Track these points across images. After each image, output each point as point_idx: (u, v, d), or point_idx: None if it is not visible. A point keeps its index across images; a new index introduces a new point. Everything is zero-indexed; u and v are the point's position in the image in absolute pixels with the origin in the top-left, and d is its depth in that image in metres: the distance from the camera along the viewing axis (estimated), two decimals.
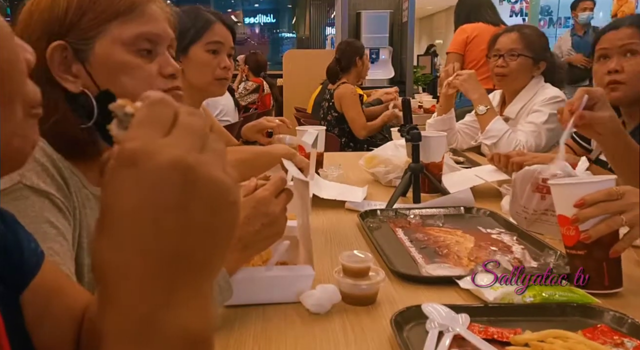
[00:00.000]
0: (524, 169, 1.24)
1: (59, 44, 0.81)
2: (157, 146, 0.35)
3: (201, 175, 0.35)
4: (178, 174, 0.34)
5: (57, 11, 0.81)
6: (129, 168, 0.34)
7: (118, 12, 0.83)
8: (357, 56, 3.53)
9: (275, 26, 14.56)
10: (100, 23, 0.82)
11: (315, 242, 1.00)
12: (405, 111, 1.54)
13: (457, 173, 1.74)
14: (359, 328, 0.82)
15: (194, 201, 0.35)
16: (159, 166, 0.34)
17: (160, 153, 0.34)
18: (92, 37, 0.82)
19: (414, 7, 5.36)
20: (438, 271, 1.02)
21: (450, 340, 0.75)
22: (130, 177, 0.34)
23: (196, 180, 0.35)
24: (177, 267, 0.35)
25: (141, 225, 0.34)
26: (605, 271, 0.90)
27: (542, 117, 1.95)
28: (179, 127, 0.36)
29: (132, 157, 0.34)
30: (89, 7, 0.82)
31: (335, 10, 6.26)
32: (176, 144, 0.35)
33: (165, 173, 0.34)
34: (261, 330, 0.82)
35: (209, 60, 1.54)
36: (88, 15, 0.82)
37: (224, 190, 0.36)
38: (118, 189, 0.34)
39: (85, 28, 0.82)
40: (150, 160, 0.34)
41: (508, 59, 2.02)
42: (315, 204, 1.44)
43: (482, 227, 1.28)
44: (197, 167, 0.35)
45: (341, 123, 3.51)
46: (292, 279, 0.90)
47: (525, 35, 2.04)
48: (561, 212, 0.93)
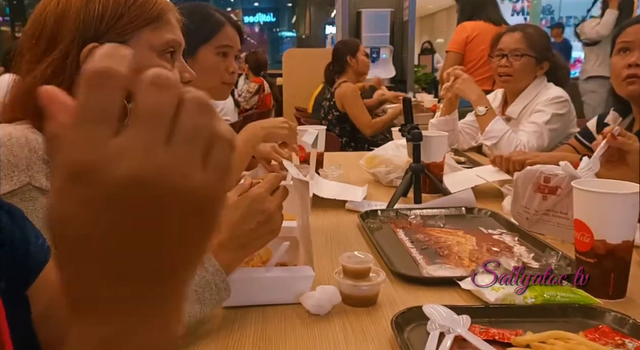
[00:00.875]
0: (526, 169, 1.24)
1: (94, 46, 0.82)
2: (105, 154, 0.27)
3: (166, 188, 0.28)
4: (137, 191, 0.27)
5: (94, 13, 0.83)
6: (74, 186, 0.27)
7: (150, 18, 0.87)
8: (349, 55, 3.49)
9: (275, 25, 14.56)
10: (135, 28, 0.86)
11: (315, 242, 1.00)
12: (406, 110, 1.53)
13: (458, 173, 1.73)
14: (359, 329, 0.82)
15: (160, 217, 0.28)
16: (112, 185, 0.27)
17: (111, 165, 0.27)
18: (126, 41, 0.85)
19: (415, 5, 5.35)
20: (439, 272, 1.02)
21: (451, 341, 0.74)
22: (79, 198, 0.27)
23: (160, 195, 0.28)
24: (143, 283, 0.30)
25: (101, 250, 0.28)
26: (611, 281, 0.90)
27: (544, 117, 1.94)
28: (134, 116, 0.28)
29: (77, 172, 0.27)
30: (125, 11, 0.85)
31: (336, 9, 6.26)
32: (130, 146, 0.27)
33: (121, 192, 0.27)
34: (261, 332, 0.81)
35: (218, 64, 1.49)
36: (124, 20, 0.85)
37: (196, 198, 0.29)
38: (65, 213, 0.27)
39: (120, 32, 0.85)
40: (100, 175, 0.27)
41: (512, 58, 2.02)
42: (315, 205, 1.44)
43: (483, 227, 1.28)
44: (159, 180, 0.27)
45: (342, 122, 3.50)
46: (292, 280, 0.90)
47: (528, 35, 2.03)
48: (579, 217, 0.91)
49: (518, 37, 2.03)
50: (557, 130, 1.96)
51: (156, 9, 0.88)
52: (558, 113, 1.95)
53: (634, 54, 1.43)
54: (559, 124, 1.96)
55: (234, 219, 0.82)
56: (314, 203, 1.43)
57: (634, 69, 1.42)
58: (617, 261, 0.89)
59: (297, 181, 0.95)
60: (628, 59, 1.44)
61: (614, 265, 0.89)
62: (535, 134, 1.92)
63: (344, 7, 5.54)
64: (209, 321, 0.82)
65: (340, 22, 5.72)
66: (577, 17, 9.87)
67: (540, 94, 2.02)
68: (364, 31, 5.37)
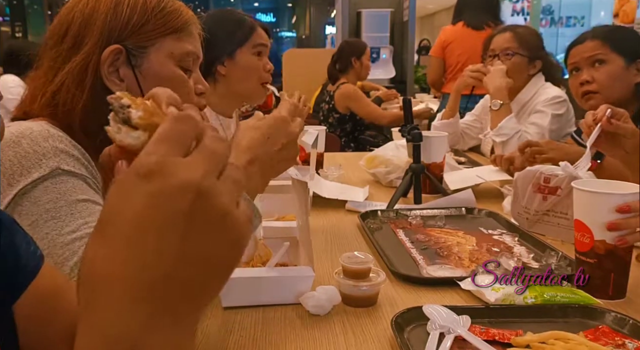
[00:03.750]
0: (526, 169, 1.24)
1: (116, 48, 0.84)
2: (174, 165, 0.34)
3: (211, 204, 0.34)
4: (189, 197, 0.33)
5: (121, 16, 0.85)
6: (141, 181, 0.33)
7: (175, 27, 0.88)
8: (354, 56, 3.49)
9: (275, 25, 14.55)
10: (159, 35, 0.87)
11: (315, 243, 1.00)
12: (406, 111, 1.53)
13: (458, 172, 1.73)
14: (360, 329, 0.82)
15: (199, 229, 0.33)
16: (171, 186, 0.33)
17: (176, 173, 0.33)
18: (149, 46, 0.86)
19: (415, 5, 5.34)
20: (439, 272, 1.02)
21: (452, 341, 0.74)
22: (141, 191, 0.33)
23: (205, 208, 0.34)
24: (166, 291, 0.33)
25: (141, 241, 0.33)
26: (611, 281, 0.90)
27: (545, 118, 1.94)
28: (201, 149, 0.35)
29: (147, 172, 0.33)
30: (151, 18, 0.86)
31: (336, 9, 6.25)
32: (194, 166, 0.34)
33: (176, 194, 0.33)
34: (261, 332, 0.81)
35: (255, 63, 1.56)
36: (149, 26, 0.86)
37: (231, 224, 0.35)
38: (126, 200, 0.33)
39: (144, 37, 0.86)
40: (165, 178, 0.33)
41: (503, 58, 2.02)
42: (316, 205, 1.44)
43: (483, 228, 1.28)
44: (209, 195, 0.34)
45: (343, 124, 3.50)
46: (292, 280, 0.90)
47: (519, 34, 2.04)
48: (579, 217, 0.91)
49: (508, 37, 2.04)
50: (557, 130, 1.96)
51: (181, 20, 0.89)
52: (557, 113, 1.95)
53: (583, 72, 1.56)
54: (558, 125, 1.96)
55: (258, 140, 0.80)
56: (314, 203, 1.43)
57: (586, 86, 1.55)
58: (617, 261, 0.89)
59: (296, 182, 0.95)
60: (579, 77, 1.56)
61: (614, 265, 0.89)
62: (538, 135, 1.92)
63: (344, 7, 5.54)
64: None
65: (340, 22, 5.72)
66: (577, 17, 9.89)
67: (539, 93, 2.02)
68: (364, 31, 5.36)
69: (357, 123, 3.53)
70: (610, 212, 0.88)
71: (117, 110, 0.39)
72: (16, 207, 0.74)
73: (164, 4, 0.88)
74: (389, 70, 5.41)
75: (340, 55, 3.55)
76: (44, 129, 0.80)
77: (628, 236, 0.88)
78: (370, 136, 3.52)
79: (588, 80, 1.53)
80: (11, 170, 0.75)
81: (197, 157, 0.35)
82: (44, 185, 0.75)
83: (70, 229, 0.73)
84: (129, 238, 0.33)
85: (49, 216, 0.74)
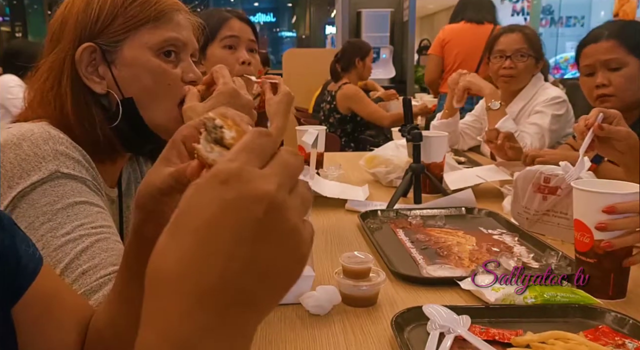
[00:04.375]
0: (526, 169, 1.24)
1: (88, 46, 0.84)
2: (252, 174, 0.35)
3: (282, 217, 0.35)
4: (263, 207, 0.34)
5: (90, 14, 0.85)
6: (219, 186, 0.34)
7: (148, 18, 0.87)
8: (357, 57, 3.51)
9: (275, 25, 14.55)
10: (130, 28, 0.86)
11: (315, 243, 1.00)
12: (406, 111, 1.53)
13: (458, 172, 1.73)
14: (360, 329, 0.82)
15: (267, 240, 0.34)
16: (248, 193, 0.34)
17: (253, 182, 0.34)
18: (121, 41, 0.86)
19: (415, 5, 5.34)
20: (439, 272, 1.02)
21: (452, 341, 0.74)
22: (218, 195, 0.34)
23: (276, 220, 0.34)
24: (231, 299, 0.34)
25: (214, 242, 0.33)
26: (611, 282, 0.90)
27: (545, 119, 1.95)
28: (277, 162, 0.37)
29: (226, 177, 0.34)
30: (121, 12, 0.85)
31: (336, 9, 6.26)
32: (270, 178, 0.35)
33: (252, 202, 0.34)
34: (260, 332, 0.81)
35: (226, 57, 1.49)
36: (119, 20, 0.86)
37: (298, 239, 0.36)
38: (203, 202, 0.34)
39: (115, 32, 0.86)
40: (242, 185, 0.34)
41: (516, 59, 2.02)
42: (316, 205, 1.44)
43: (483, 227, 1.28)
44: (281, 208, 0.34)
45: (344, 124, 3.51)
46: None
47: (527, 36, 2.04)
48: (579, 217, 0.91)
49: (519, 38, 2.03)
50: (557, 131, 1.96)
51: (156, 9, 0.88)
52: (557, 114, 1.96)
53: (598, 75, 1.50)
54: (558, 125, 1.96)
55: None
56: (314, 203, 1.42)
57: (602, 89, 1.49)
58: (617, 261, 0.89)
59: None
60: (594, 80, 1.51)
61: (613, 265, 0.89)
62: (537, 135, 1.92)
63: (344, 7, 5.54)
64: None
65: (340, 22, 5.73)
66: (577, 17, 9.89)
67: (538, 94, 2.03)
68: (364, 31, 5.37)
69: (357, 123, 3.53)
70: (600, 212, 0.88)
71: (210, 130, 0.40)
72: (14, 209, 0.74)
73: None
74: (389, 70, 5.42)
75: (343, 54, 3.56)
76: (44, 130, 0.80)
77: (614, 240, 0.88)
78: (370, 136, 3.52)
79: (604, 83, 1.48)
80: (11, 173, 0.75)
81: (273, 169, 0.36)
82: (42, 188, 0.75)
83: (64, 231, 0.73)
84: (201, 238, 0.33)
85: (45, 218, 0.74)
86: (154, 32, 0.87)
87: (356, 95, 3.45)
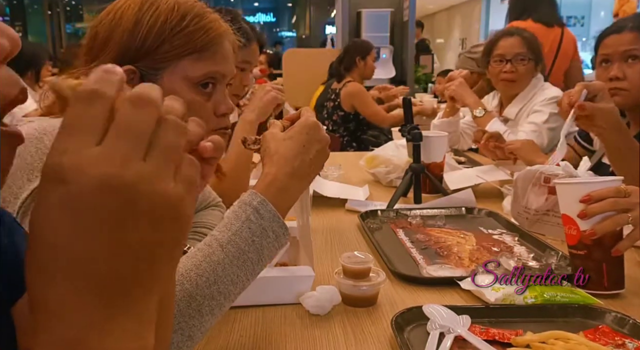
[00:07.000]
0: (526, 169, 1.24)
1: (129, 68, 0.82)
2: (87, 159, 0.29)
3: (141, 192, 0.30)
4: (113, 195, 0.29)
5: (137, 36, 0.82)
6: (56, 187, 0.29)
7: (194, 48, 0.84)
8: (359, 56, 3.53)
9: (275, 25, 14.56)
10: (175, 57, 0.84)
11: (315, 243, 1.00)
12: (406, 111, 1.53)
13: (458, 172, 1.73)
14: (360, 329, 0.82)
15: (133, 220, 0.30)
16: (90, 186, 0.29)
17: (91, 168, 0.29)
18: (163, 68, 0.84)
19: (415, 5, 5.34)
20: (439, 272, 1.02)
21: (452, 341, 0.74)
22: (58, 199, 0.29)
23: (135, 199, 0.30)
24: (111, 291, 0.31)
25: (73, 257, 0.30)
26: (604, 272, 0.90)
27: (542, 117, 1.95)
28: (115, 129, 0.30)
29: (60, 174, 0.29)
30: (168, 38, 0.83)
31: (336, 9, 6.25)
32: (110, 154, 0.30)
33: (98, 194, 0.29)
34: (261, 332, 0.81)
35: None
36: (164, 47, 0.83)
37: (169, 205, 0.31)
38: (45, 215, 0.29)
39: (159, 58, 0.83)
40: (81, 177, 0.29)
41: (516, 63, 2.02)
42: (316, 205, 1.44)
43: (483, 227, 1.28)
44: (135, 184, 0.30)
45: (347, 122, 3.51)
46: (292, 280, 0.90)
47: (526, 39, 2.04)
48: (565, 211, 0.94)
49: (518, 42, 2.03)
50: (556, 129, 1.96)
51: (204, 39, 0.84)
52: (555, 112, 1.96)
53: (614, 67, 1.46)
54: (558, 123, 1.96)
55: (293, 151, 0.77)
56: (314, 203, 1.43)
57: (616, 83, 1.45)
58: (607, 250, 0.90)
59: None
60: (609, 71, 1.47)
61: (603, 255, 0.90)
62: (534, 133, 1.93)
63: (344, 7, 5.54)
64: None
65: (340, 22, 5.72)
66: (577, 17, 9.88)
67: (537, 94, 2.03)
68: (364, 31, 5.36)
69: (360, 122, 3.54)
70: (579, 203, 0.90)
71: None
72: (32, 202, 0.74)
73: (187, 22, 0.84)
74: (389, 70, 5.41)
75: (345, 54, 3.58)
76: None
77: (596, 225, 0.89)
78: (372, 136, 3.52)
79: (619, 76, 1.44)
80: (32, 166, 0.75)
81: (111, 140, 0.30)
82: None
83: None
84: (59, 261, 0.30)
85: None
86: (196, 64, 0.84)
87: (360, 93, 3.46)
